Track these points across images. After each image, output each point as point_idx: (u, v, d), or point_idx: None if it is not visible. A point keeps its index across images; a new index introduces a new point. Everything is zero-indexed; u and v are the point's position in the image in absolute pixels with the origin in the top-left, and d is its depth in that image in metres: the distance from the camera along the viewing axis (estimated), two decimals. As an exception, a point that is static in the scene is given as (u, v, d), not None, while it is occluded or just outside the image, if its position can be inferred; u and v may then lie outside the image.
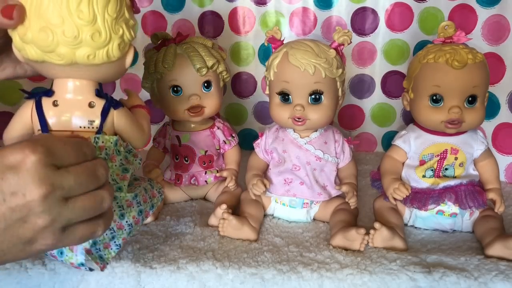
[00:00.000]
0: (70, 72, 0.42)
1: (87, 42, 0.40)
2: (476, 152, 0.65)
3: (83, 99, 0.44)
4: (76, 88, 0.44)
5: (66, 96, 0.44)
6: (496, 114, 0.82)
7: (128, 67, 0.47)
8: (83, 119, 0.43)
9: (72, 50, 0.40)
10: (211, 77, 0.68)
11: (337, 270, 0.53)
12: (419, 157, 0.65)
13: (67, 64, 0.41)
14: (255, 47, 0.92)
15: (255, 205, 0.66)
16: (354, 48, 0.90)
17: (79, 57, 0.41)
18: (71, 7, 0.39)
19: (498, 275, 0.52)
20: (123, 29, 0.42)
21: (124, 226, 0.48)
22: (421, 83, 0.63)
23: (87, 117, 0.44)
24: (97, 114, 0.44)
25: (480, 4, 0.81)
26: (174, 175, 0.72)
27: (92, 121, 0.44)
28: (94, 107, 0.44)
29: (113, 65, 0.44)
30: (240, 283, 0.53)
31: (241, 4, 0.89)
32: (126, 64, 0.46)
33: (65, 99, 0.44)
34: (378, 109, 0.94)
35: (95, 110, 0.44)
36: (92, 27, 0.40)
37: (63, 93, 0.44)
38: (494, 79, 0.80)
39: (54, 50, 0.40)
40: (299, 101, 0.62)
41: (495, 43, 0.80)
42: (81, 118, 0.43)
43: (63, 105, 0.43)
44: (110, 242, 0.48)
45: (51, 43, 0.39)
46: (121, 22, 0.42)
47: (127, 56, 0.45)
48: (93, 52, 0.41)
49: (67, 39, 0.39)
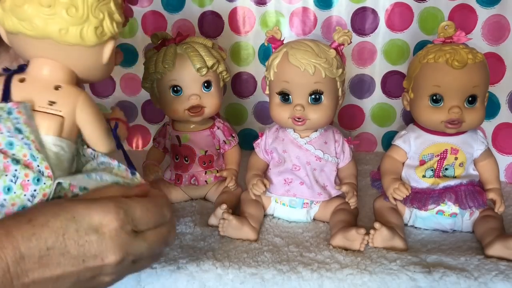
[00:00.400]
0: (43, 48, 0.42)
1: (61, 15, 0.40)
2: (476, 152, 0.65)
3: (50, 80, 0.43)
4: (46, 67, 0.43)
5: (34, 74, 0.43)
6: (496, 114, 0.82)
7: (110, 66, 0.46)
8: (43, 99, 0.42)
9: (45, 21, 0.40)
10: (211, 77, 0.68)
11: (337, 270, 0.53)
12: (419, 157, 0.65)
13: (39, 37, 0.41)
14: (255, 47, 0.92)
15: (255, 205, 0.66)
16: (354, 48, 0.90)
17: (51, 30, 0.40)
18: None
19: (498, 275, 0.52)
20: (104, 16, 0.42)
21: None
22: (421, 83, 0.63)
23: (48, 97, 0.42)
24: (61, 97, 0.43)
25: (480, 4, 0.81)
26: (174, 175, 0.72)
27: (52, 102, 0.42)
28: (59, 90, 0.43)
29: (87, 52, 0.43)
30: (240, 283, 0.53)
31: (241, 4, 0.89)
32: (103, 58, 0.44)
33: (32, 76, 0.43)
34: (378, 109, 0.94)
35: (59, 93, 0.43)
36: (69, 1, 0.40)
37: (33, 70, 0.43)
38: (494, 79, 0.80)
39: (28, 19, 0.40)
40: (299, 101, 0.62)
41: (495, 43, 0.80)
42: (42, 97, 0.42)
43: (28, 82, 0.43)
44: None
45: (26, 10, 0.39)
46: (103, 8, 0.42)
47: (104, 49, 0.44)
48: (65, 27, 0.40)
49: (42, 8, 0.39)
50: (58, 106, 0.42)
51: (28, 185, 0.40)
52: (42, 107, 0.42)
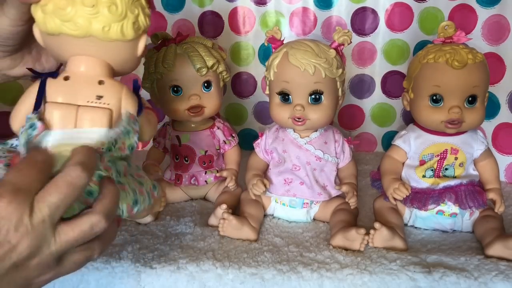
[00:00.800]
0: (84, 47, 0.44)
1: (104, 13, 0.42)
2: (476, 152, 0.65)
3: (94, 76, 0.45)
4: (88, 64, 0.45)
5: (76, 71, 0.45)
6: (496, 114, 0.82)
7: (140, 58, 0.48)
8: (91, 94, 0.44)
9: (88, 20, 0.42)
10: (211, 77, 0.68)
11: (337, 270, 0.53)
12: (419, 157, 0.65)
13: (82, 35, 0.42)
14: (255, 47, 0.92)
15: (255, 205, 0.66)
16: (354, 48, 0.90)
17: (95, 29, 0.42)
18: None
19: (498, 275, 0.52)
20: (138, 11, 0.44)
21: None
22: (421, 83, 0.63)
23: (95, 92, 0.44)
24: (107, 91, 0.45)
25: (480, 4, 0.81)
26: (174, 175, 0.72)
27: (100, 97, 0.44)
28: (104, 84, 0.45)
29: (125, 47, 0.45)
30: (240, 283, 0.53)
31: (241, 4, 0.89)
32: (138, 51, 0.47)
33: (76, 73, 0.45)
34: (378, 109, 0.94)
35: (104, 87, 0.45)
36: (110, 0, 0.42)
37: (75, 68, 0.45)
38: (494, 79, 0.80)
39: (71, 19, 0.42)
40: (299, 101, 0.62)
41: (495, 43, 0.80)
42: (90, 92, 0.44)
43: (73, 80, 0.44)
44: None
45: (70, 12, 0.41)
46: (137, 4, 0.44)
47: (139, 42, 0.47)
48: (108, 24, 0.42)
49: (85, 8, 0.41)
50: (105, 99, 0.44)
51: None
52: (91, 102, 0.44)
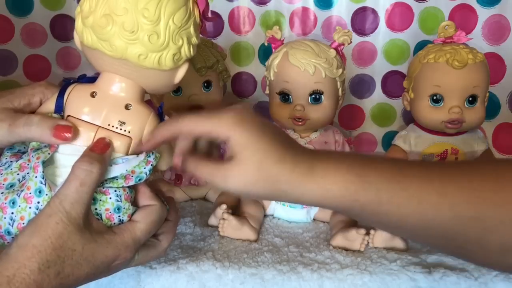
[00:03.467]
0: (118, 67, 0.41)
1: (143, 41, 0.39)
2: (477, 152, 0.65)
3: (122, 99, 0.42)
4: (119, 85, 0.42)
5: (106, 89, 0.43)
6: (496, 114, 0.82)
7: (177, 84, 0.45)
8: (114, 118, 0.42)
9: (126, 44, 0.39)
10: (211, 77, 0.68)
11: (337, 270, 0.53)
12: (419, 157, 0.65)
13: (117, 57, 0.40)
14: (255, 47, 0.92)
15: (255, 205, 0.66)
16: (354, 48, 0.90)
17: (130, 54, 0.40)
18: (139, 3, 0.39)
19: (499, 275, 0.52)
20: (183, 41, 0.41)
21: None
22: (422, 83, 0.63)
23: (119, 117, 0.42)
24: (131, 117, 0.42)
25: (480, 4, 0.81)
26: (174, 175, 0.72)
27: (122, 123, 0.42)
28: (129, 109, 0.42)
29: (162, 75, 0.42)
30: (240, 283, 0.53)
31: (241, 4, 0.89)
32: (175, 79, 0.44)
33: (104, 92, 0.42)
34: (378, 109, 0.94)
35: (130, 113, 0.42)
36: (152, 28, 0.39)
37: (104, 86, 0.43)
38: (494, 79, 0.80)
39: (108, 40, 0.39)
40: (299, 101, 0.62)
41: (495, 43, 0.80)
42: (113, 116, 0.42)
43: (100, 98, 0.42)
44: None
45: (108, 32, 0.39)
46: (183, 34, 0.41)
47: (178, 71, 0.44)
48: (145, 53, 0.40)
49: (124, 32, 0.39)
50: (127, 126, 0.42)
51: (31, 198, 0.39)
52: (112, 127, 0.42)
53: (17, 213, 0.39)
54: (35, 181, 0.39)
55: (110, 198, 0.41)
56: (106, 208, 0.41)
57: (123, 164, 0.42)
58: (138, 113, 0.43)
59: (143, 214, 0.42)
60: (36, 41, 0.86)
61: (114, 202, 0.41)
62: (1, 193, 0.40)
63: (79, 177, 0.38)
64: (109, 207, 0.41)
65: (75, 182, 0.38)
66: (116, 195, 0.42)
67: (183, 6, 0.41)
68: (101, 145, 0.40)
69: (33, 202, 0.39)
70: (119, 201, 0.42)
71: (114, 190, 0.42)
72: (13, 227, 0.39)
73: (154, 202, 0.44)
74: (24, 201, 0.39)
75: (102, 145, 0.40)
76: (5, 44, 0.82)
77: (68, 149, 0.41)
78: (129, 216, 0.42)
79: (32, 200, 0.39)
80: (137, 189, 0.44)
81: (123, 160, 0.42)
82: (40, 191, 0.39)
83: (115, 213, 0.42)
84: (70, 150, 0.41)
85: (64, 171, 0.40)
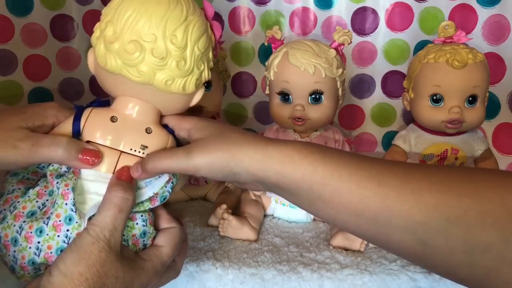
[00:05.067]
0: (140, 92, 0.41)
1: (171, 67, 0.39)
2: (477, 152, 0.65)
3: (142, 122, 0.42)
4: (140, 109, 0.42)
5: (125, 113, 0.42)
6: (496, 114, 0.82)
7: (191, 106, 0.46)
8: (136, 143, 0.42)
9: (153, 70, 0.39)
10: (211, 77, 0.67)
11: (337, 270, 0.53)
12: (419, 157, 0.65)
13: (143, 83, 0.40)
14: (255, 47, 0.92)
15: (255, 205, 0.66)
16: (354, 48, 0.90)
17: (158, 80, 0.40)
18: (167, 30, 0.39)
19: (499, 275, 0.52)
20: (204, 66, 0.42)
21: None
22: (422, 83, 0.63)
23: (141, 141, 0.42)
24: (152, 141, 0.42)
25: (480, 4, 0.81)
26: (174, 175, 0.72)
27: (145, 147, 0.42)
28: (150, 133, 0.42)
29: (182, 99, 0.43)
30: (240, 283, 0.53)
31: (241, 4, 0.89)
32: (193, 102, 0.45)
33: (124, 116, 0.42)
34: (378, 109, 0.94)
35: (151, 136, 0.42)
36: (180, 54, 0.39)
37: (124, 110, 0.42)
38: (494, 79, 0.80)
39: (136, 66, 0.39)
40: (299, 101, 0.62)
41: (495, 43, 0.80)
42: (135, 140, 0.42)
43: (120, 123, 0.42)
44: None
45: (136, 58, 0.39)
46: (204, 59, 0.42)
47: (196, 94, 0.44)
48: (172, 79, 0.40)
49: (154, 59, 0.39)
50: (149, 150, 0.42)
51: (60, 226, 0.38)
52: (134, 151, 0.41)
53: (44, 242, 0.38)
54: (65, 208, 0.38)
55: (137, 223, 0.41)
56: (133, 233, 0.41)
57: (149, 187, 0.42)
58: (159, 136, 0.43)
59: (167, 237, 0.42)
60: (36, 41, 0.86)
61: (140, 227, 0.41)
62: (23, 221, 0.39)
63: (117, 204, 0.38)
64: (136, 232, 0.41)
65: (114, 210, 0.38)
66: (142, 220, 0.41)
67: (205, 32, 0.41)
68: (126, 173, 0.40)
69: (62, 230, 0.38)
70: (145, 226, 0.42)
71: (140, 215, 0.42)
72: (39, 257, 0.38)
73: (174, 224, 0.43)
74: (53, 229, 0.38)
75: (127, 172, 0.40)
76: (5, 44, 0.82)
77: (91, 175, 0.40)
78: (151, 240, 0.42)
79: (62, 228, 0.38)
80: (155, 212, 0.44)
81: (146, 184, 0.42)
82: (70, 218, 0.38)
83: (141, 238, 0.41)
84: (93, 176, 0.40)
85: (88, 197, 0.40)
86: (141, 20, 0.38)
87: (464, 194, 0.33)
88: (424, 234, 0.33)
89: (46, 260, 0.38)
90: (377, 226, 0.35)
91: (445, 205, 0.33)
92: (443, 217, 0.32)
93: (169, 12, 0.39)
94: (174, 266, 0.44)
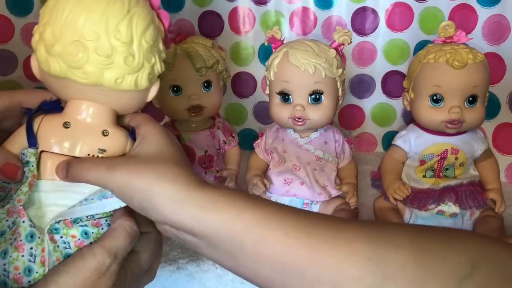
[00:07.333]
0: (90, 94, 0.39)
1: (119, 64, 0.37)
2: (477, 152, 0.65)
3: (97, 125, 0.40)
4: (93, 112, 0.40)
5: (78, 118, 0.40)
6: (496, 114, 0.82)
7: (149, 101, 0.44)
8: (93, 147, 0.40)
9: (100, 70, 0.37)
10: (211, 77, 0.68)
11: (337, 270, 0.53)
12: (419, 157, 0.65)
13: (91, 84, 0.38)
14: (255, 47, 0.92)
15: (255, 205, 0.66)
16: (354, 48, 0.90)
17: (106, 79, 0.37)
18: (109, 25, 0.36)
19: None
20: (155, 58, 0.40)
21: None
22: (422, 83, 0.63)
23: (98, 145, 0.40)
24: (110, 143, 0.40)
25: (480, 4, 0.81)
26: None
27: (103, 150, 0.40)
28: (107, 135, 0.40)
29: (136, 95, 0.41)
30: (240, 284, 0.53)
31: (241, 4, 0.89)
32: (148, 97, 0.42)
33: (77, 121, 0.40)
34: (378, 109, 0.94)
35: (108, 139, 0.40)
36: (127, 50, 0.37)
37: (76, 114, 0.40)
38: (494, 79, 0.80)
39: (81, 67, 0.37)
40: (299, 101, 0.62)
41: (495, 43, 0.80)
42: (92, 145, 0.40)
43: (74, 128, 0.39)
44: None
45: (81, 59, 0.36)
46: (154, 51, 0.40)
47: (151, 89, 0.42)
48: (122, 76, 0.38)
49: (99, 58, 0.36)
50: (107, 153, 0.40)
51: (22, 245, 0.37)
52: (93, 156, 0.40)
53: (10, 264, 0.36)
54: (24, 226, 0.36)
55: (102, 229, 0.39)
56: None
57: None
58: (117, 138, 0.41)
59: (143, 243, 0.41)
60: (36, 41, 0.86)
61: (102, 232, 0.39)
62: None
63: (130, 234, 0.37)
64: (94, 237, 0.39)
65: (127, 239, 0.37)
66: (107, 225, 0.39)
67: (152, 22, 0.39)
68: (9, 168, 0.37)
69: (25, 250, 0.36)
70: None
71: (105, 220, 0.40)
72: (9, 278, 0.36)
73: (150, 229, 0.41)
74: (15, 250, 0.36)
75: (11, 168, 0.37)
76: (5, 44, 0.82)
77: (48, 185, 0.38)
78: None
79: (24, 247, 0.36)
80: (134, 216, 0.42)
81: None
82: (32, 235, 0.36)
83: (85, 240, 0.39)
84: (51, 186, 0.38)
85: (48, 210, 0.38)
86: (81, 18, 0.36)
87: (402, 246, 0.30)
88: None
89: (16, 282, 0.36)
90: (305, 284, 0.31)
91: (380, 257, 0.29)
92: (379, 271, 0.29)
93: (109, 6, 0.36)
94: (149, 270, 0.43)
